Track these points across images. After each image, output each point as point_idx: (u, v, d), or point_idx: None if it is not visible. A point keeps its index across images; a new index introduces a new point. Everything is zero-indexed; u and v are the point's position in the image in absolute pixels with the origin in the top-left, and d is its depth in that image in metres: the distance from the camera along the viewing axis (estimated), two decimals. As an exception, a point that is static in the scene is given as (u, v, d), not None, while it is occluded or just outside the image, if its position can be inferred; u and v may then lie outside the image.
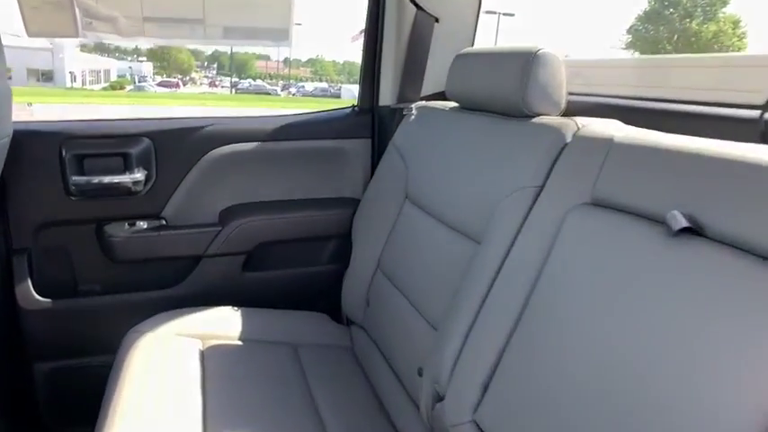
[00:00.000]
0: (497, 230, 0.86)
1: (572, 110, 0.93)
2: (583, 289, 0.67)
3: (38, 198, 1.25)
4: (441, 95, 1.34)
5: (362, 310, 1.28)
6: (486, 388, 0.77)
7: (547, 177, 0.82)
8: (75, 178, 1.24)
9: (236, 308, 1.29)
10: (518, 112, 0.94)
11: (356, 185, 1.49)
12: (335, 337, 1.31)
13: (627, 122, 0.82)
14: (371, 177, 1.40)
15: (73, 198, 1.26)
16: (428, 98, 1.40)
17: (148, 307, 1.30)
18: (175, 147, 1.33)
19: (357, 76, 1.52)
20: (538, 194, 0.82)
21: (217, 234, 1.36)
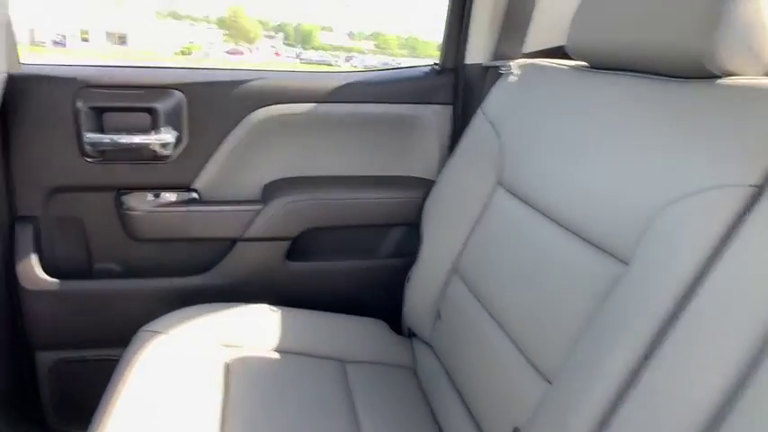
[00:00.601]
0: (669, 248, 0.55)
1: None
2: None
3: (47, 157, 1.03)
4: (553, 52, 1.02)
5: (430, 324, 1.00)
6: None
7: None
8: (91, 136, 1.02)
9: (273, 307, 1.04)
10: (699, 72, 0.62)
11: (430, 162, 1.20)
12: (394, 354, 1.04)
13: None
14: (450, 153, 1.12)
15: (88, 160, 1.04)
16: (533, 55, 1.08)
17: (171, 295, 1.08)
18: (213, 103, 1.08)
19: (420, 51, 1.21)
20: (755, 197, 0.50)
21: (258, 213, 1.11)
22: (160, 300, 1.09)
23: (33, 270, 1.04)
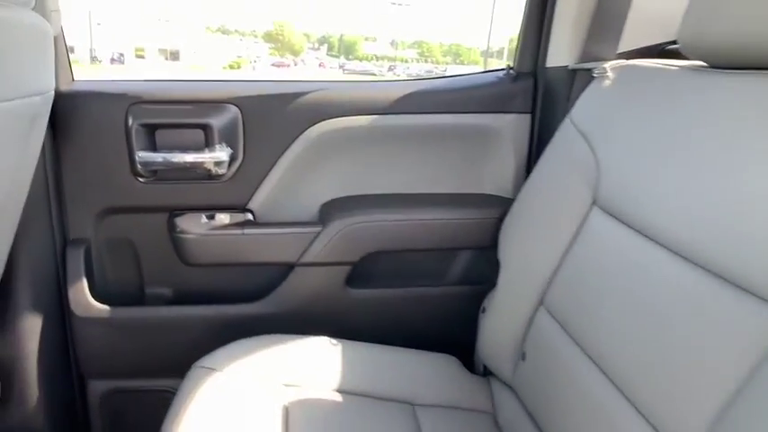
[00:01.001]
0: None
1: None
2: None
3: (99, 177, 0.97)
4: (646, 52, 0.89)
5: (512, 363, 0.88)
6: None
7: None
8: (143, 154, 0.95)
9: (334, 340, 0.94)
10: None
11: (505, 179, 1.08)
12: (469, 396, 0.92)
13: None
14: (530, 168, 0.99)
15: (140, 180, 0.98)
16: (629, 55, 0.94)
17: (225, 324, 1.01)
18: (269, 118, 0.99)
19: (464, 58, 1.09)
20: None
21: (316, 236, 1.02)
22: (213, 328, 1.02)
23: (84, 296, 0.98)
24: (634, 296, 0.64)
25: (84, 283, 0.98)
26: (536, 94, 1.06)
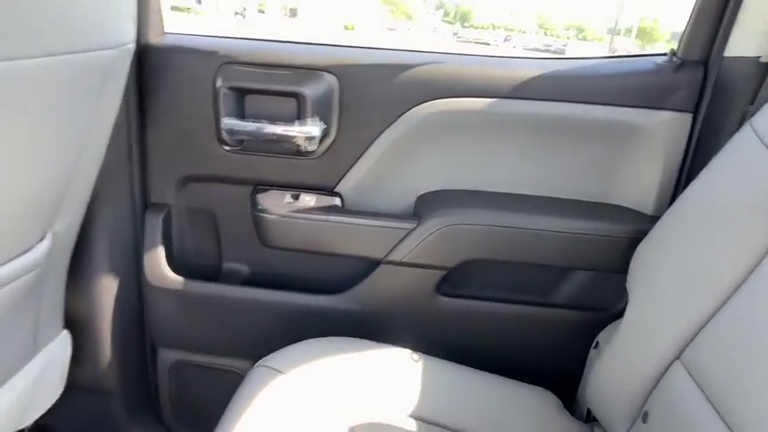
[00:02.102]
0: None
1: None
2: None
3: (183, 142, 0.91)
4: None
5: (628, 421, 0.71)
6: None
7: None
8: (229, 121, 0.86)
9: (416, 355, 0.82)
10: None
11: (648, 191, 0.88)
12: None
13: None
14: (684, 181, 0.79)
15: (225, 148, 0.90)
16: None
17: (298, 314, 0.94)
18: (371, 91, 0.87)
19: (586, 34, 0.86)
20: None
21: (409, 233, 0.89)
22: (286, 316, 0.94)
23: (160, 265, 0.93)
24: None
25: (161, 251, 0.94)
26: (704, 90, 0.83)
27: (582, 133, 0.87)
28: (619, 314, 0.84)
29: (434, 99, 0.86)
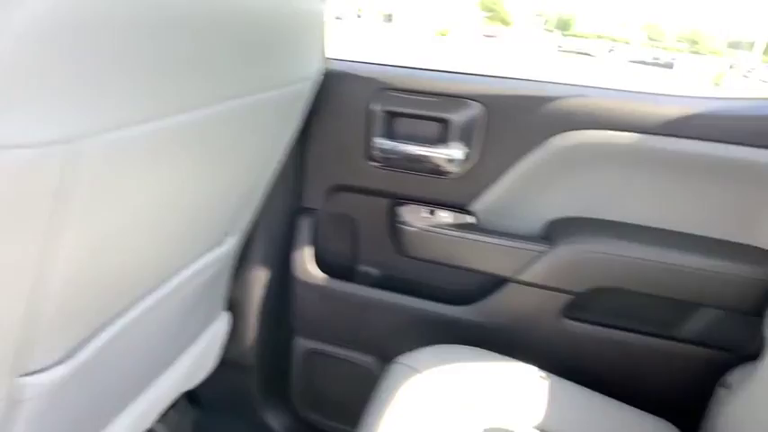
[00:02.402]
0: None
1: None
2: None
3: (336, 155, 1.01)
4: None
5: None
6: None
7: None
8: (380, 141, 0.95)
9: (543, 373, 0.86)
10: None
11: None
12: None
13: None
14: None
15: (372, 164, 0.99)
16: None
17: (425, 320, 1.01)
18: (514, 120, 0.92)
19: (699, 47, 0.83)
20: None
21: (540, 255, 0.93)
22: (414, 321, 1.02)
23: (306, 262, 1.04)
24: None
25: (309, 250, 1.05)
26: None
27: (724, 172, 0.87)
28: (749, 356, 0.83)
29: (575, 130, 0.90)
